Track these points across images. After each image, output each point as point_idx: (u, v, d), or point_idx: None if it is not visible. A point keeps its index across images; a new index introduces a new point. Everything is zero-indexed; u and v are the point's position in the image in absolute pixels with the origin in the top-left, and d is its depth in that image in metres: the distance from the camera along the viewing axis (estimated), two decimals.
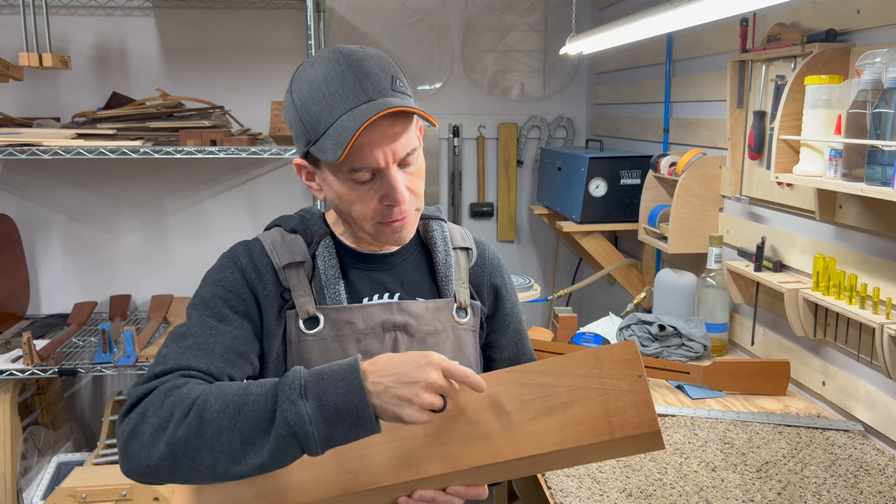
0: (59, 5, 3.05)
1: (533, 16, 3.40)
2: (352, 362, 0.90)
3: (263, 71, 3.21)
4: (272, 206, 3.31)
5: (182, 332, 1.03)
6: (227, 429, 0.88)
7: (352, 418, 0.87)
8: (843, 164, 1.47)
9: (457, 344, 1.16)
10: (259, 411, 0.88)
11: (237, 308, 1.07)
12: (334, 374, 0.89)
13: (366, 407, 0.87)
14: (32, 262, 3.21)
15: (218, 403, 0.90)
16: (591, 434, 0.90)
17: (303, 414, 0.86)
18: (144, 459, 0.90)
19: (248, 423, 0.88)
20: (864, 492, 1.36)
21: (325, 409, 0.87)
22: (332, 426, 0.87)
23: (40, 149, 2.47)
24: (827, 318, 1.70)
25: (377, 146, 1.01)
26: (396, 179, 1.03)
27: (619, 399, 0.91)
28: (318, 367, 0.92)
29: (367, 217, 1.07)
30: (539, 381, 0.95)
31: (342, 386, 0.88)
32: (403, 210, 1.06)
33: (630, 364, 0.93)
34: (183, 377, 0.96)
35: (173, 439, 0.89)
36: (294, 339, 1.08)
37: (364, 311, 1.11)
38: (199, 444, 0.88)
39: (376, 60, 1.04)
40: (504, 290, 1.25)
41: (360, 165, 1.02)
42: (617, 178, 2.67)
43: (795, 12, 1.81)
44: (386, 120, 1.00)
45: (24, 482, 2.67)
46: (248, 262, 1.10)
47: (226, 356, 1.02)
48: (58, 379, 3.12)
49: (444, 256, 1.18)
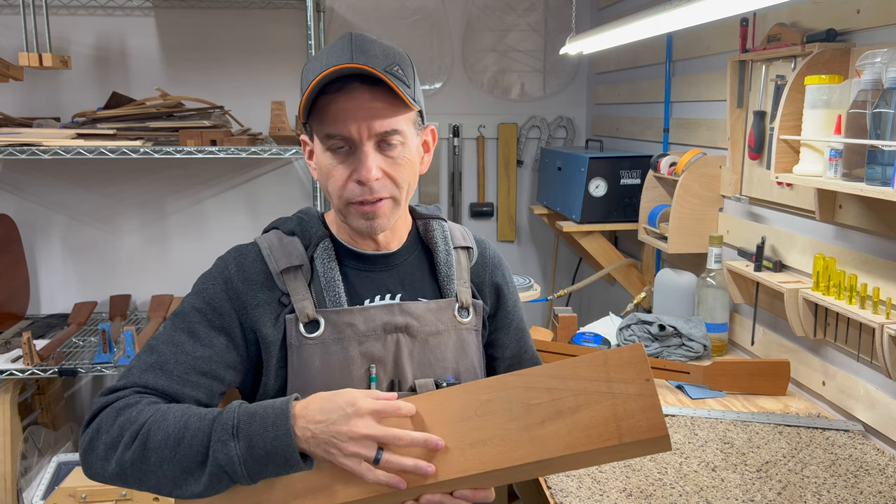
0: (59, 5, 3.05)
1: (533, 16, 3.40)
2: (283, 406, 0.93)
3: (263, 71, 3.21)
4: (272, 206, 3.31)
5: (151, 346, 1.07)
6: (167, 459, 0.94)
7: (280, 460, 0.91)
8: (843, 164, 1.46)
9: (459, 344, 1.15)
10: (196, 446, 0.93)
11: (213, 322, 1.07)
12: (266, 417, 0.92)
13: (293, 452, 0.91)
14: (32, 262, 3.21)
15: (161, 433, 0.95)
16: (600, 438, 0.90)
17: (232, 455, 0.92)
18: (100, 471, 0.98)
19: (186, 456, 0.94)
20: (864, 492, 1.36)
21: (254, 450, 0.92)
22: (262, 465, 0.92)
23: (40, 149, 2.47)
24: (827, 318, 1.70)
25: (352, 116, 1.02)
26: (367, 156, 1.03)
27: (627, 403, 0.91)
28: (252, 406, 0.95)
29: (339, 193, 1.07)
30: (547, 384, 0.95)
31: (271, 430, 0.91)
32: (374, 190, 1.04)
33: (638, 368, 0.92)
34: (137, 394, 1.01)
35: (122, 461, 0.96)
36: (295, 343, 1.07)
37: (365, 313, 1.10)
38: (144, 468, 0.95)
39: (384, 47, 1.04)
40: (506, 288, 1.25)
41: (333, 132, 1.03)
42: (617, 178, 2.67)
43: (795, 12, 1.81)
44: (366, 92, 1.01)
45: (24, 482, 2.67)
46: (236, 272, 1.09)
47: (184, 377, 1.04)
48: (58, 379, 3.12)
49: (446, 256, 1.17)
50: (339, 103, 1.02)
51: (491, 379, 0.98)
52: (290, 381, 1.07)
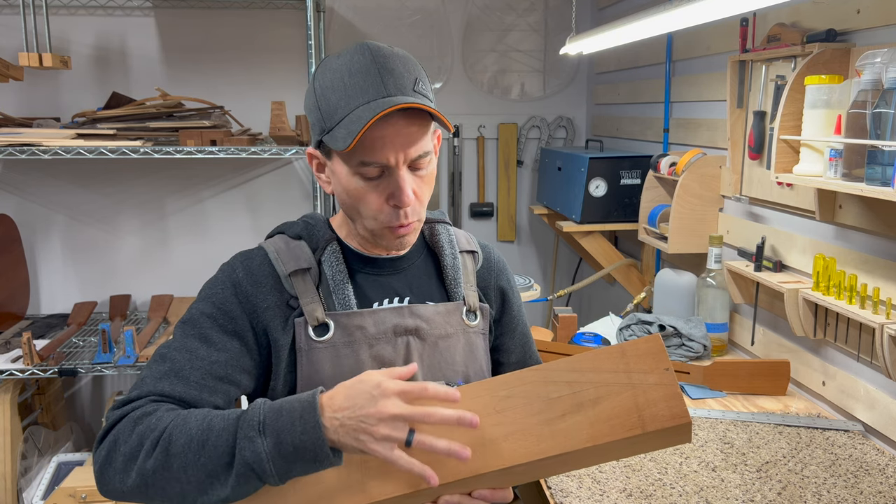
0: (59, 5, 3.05)
1: (533, 16, 3.40)
2: (310, 398, 0.90)
3: (263, 71, 3.21)
4: (272, 206, 3.31)
5: (163, 355, 1.04)
6: (192, 463, 0.90)
7: (309, 455, 0.88)
8: (843, 164, 1.46)
9: (468, 347, 1.15)
10: (221, 446, 0.90)
11: (225, 327, 1.05)
12: (293, 411, 0.89)
13: (322, 445, 0.88)
14: (32, 262, 3.21)
15: (184, 437, 0.91)
16: (623, 429, 0.89)
17: (260, 452, 0.88)
18: (119, 485, 0.93)
19: (211, 458, 0.90)
20: (864, 492, 1.36)
21: (282, 447, 0.88)
22: (291, 462, 0.89)
23: (40, 149, 2.47)
24: (827, 318, 1.70)
25: (390, 143, 1.00)
26: (404, 180, 1.02)
27: (648, 392, 0.90)
28: (278, 402, 0.92)
29: (373, 216, 1.05)
30: (565, 378, 0.94)
31: (299, 424, 0.88)
32: (409, 214, 1.05)
33: (656, 358, 0.92)
34: (154, 402, 0.98)
35: (143, 470, 0.91)
36: (304, 346, 1.06)
37: (375, 316, 1.09)
38: (167, 475, 0.91)
39: (402, 60, 1.03)
40: (510, 292, 1.25)
41: (370, 160, 1.01)
42: (617, 178, 2.67)
43: (795, 12, 1.81)
44: (402, 118, 0.99)
45: (24, 482, 2.67)
46: (244, 275, 1.08)
47: (201, 382, 1.01)
48: (58, 379, 3.12)
49: (452, 260, 1.17)
50: (375, 131, 0.98)
51: (508, 375, 0.97)
52: (300, 385, 1.06)
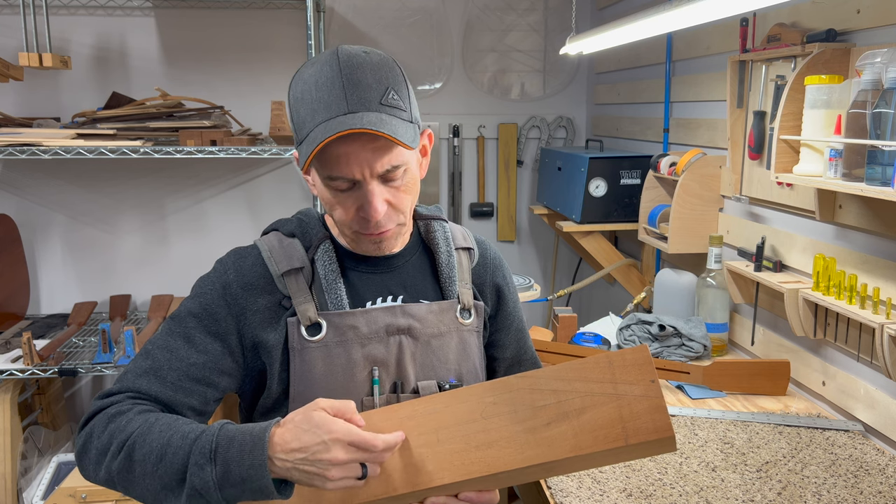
0: (59, 5, 3.05)
1: (533, 16, 3.40)
2: (261, 434, 0.91)
3: (263, 71, 3.21)
4: (272, 206, 3.31)
5: (147, 351, 1.06)
6: (150, 473, 0.94)
7: (255, 487, 0.90)
8: (843, 164, 1.46)
9: (461, 346, 1.15)
10: (176, 465, 0.93)
11: (209, 328, 1.07)
12: (244, 444, 0.91)
13: (267, 482, 0.89)
14: (32, 262, 3.21)
15: (146, 447, 0.95)
16: (606, 440, 0.90)
17: (208, 481, 0.91)
18: (92, 475, 1.00)
19: (167, 472, 0.94)
20: (864, 492, 1.36)
21: (230, 476, 0.90)
22: (239, 491, 0.91)
23: (40, 149, 2.47)
24: (827, 318, 1.70)
25: (354, 159, 0.99)
26: (373, 194, 1.01)
27: (632, 405, 0.90)
28: (233, 429, 0.93)
29: (347, 224, 1.06)
30: (552, 386, 0.94)
31: (248, 458, 0.90)
32: (382, 224, 1.04)
33: (643, 369, 0.92)
34: (131, 399, 1.02)
35: (110, 469, 0.97)
36: (297, 346, 1.07)
37: (367, 316, 1.09)
38: (130, 478, 0.96)
39: (374, 69, 1.00)
40: (506, 289, 1.25)
41: (336, 175, 1.00)
42: (617, 178, 2.67)
43: (795, 12, 1.81)
44: (365, 134, 0.97)
45: (24, 482, 2.67)
46: (235, 277, 1.09)
47: (177, 384, 1.04)
48: (58, 379, 3.12)
49: (447, 257, 1.17)
50: (338, 147, 0.98)
51: (495, 381, 0.98)
52: (293, 385, 1.07)
